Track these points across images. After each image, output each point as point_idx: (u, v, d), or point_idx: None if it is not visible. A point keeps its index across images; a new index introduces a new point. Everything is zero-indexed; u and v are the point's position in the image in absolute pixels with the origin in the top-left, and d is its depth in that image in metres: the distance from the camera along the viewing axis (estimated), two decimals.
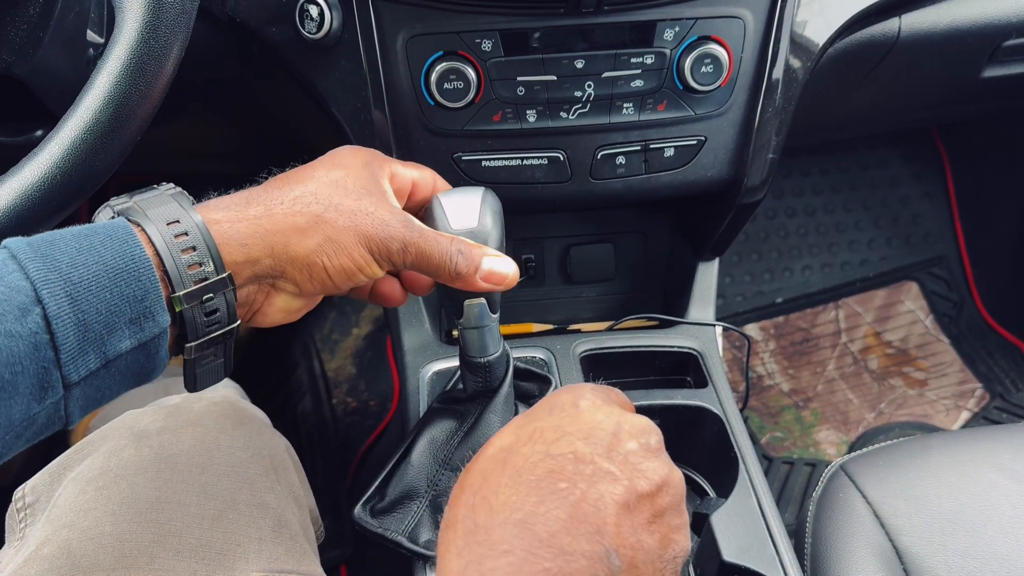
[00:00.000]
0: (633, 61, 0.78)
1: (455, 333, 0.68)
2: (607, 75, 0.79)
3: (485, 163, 0.83)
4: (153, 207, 0.51)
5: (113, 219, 0.50)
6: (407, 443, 0.72)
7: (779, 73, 0.82)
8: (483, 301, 0.64)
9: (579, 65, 0.78)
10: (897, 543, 0.77)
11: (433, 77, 0.77)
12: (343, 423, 1.54)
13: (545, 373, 0.80)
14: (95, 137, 0.55)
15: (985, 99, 1.27)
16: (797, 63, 0.83)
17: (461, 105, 0.78)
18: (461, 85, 0.77)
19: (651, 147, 0.83)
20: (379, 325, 1.64)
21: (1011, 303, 1.68)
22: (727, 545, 0.70)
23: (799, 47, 0.82)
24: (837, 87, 1.01)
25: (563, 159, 0.83)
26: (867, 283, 1.75)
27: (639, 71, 0.79)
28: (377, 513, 0.68)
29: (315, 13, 0.74)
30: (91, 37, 0.66)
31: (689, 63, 0.78)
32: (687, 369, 0.92)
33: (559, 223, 1.06)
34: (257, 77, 0.92)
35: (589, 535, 0.42)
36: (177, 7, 0.59)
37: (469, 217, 0.63)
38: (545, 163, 0.83)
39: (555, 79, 0.78)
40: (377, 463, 1.47)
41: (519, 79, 0.78)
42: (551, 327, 1.05)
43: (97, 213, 0.53)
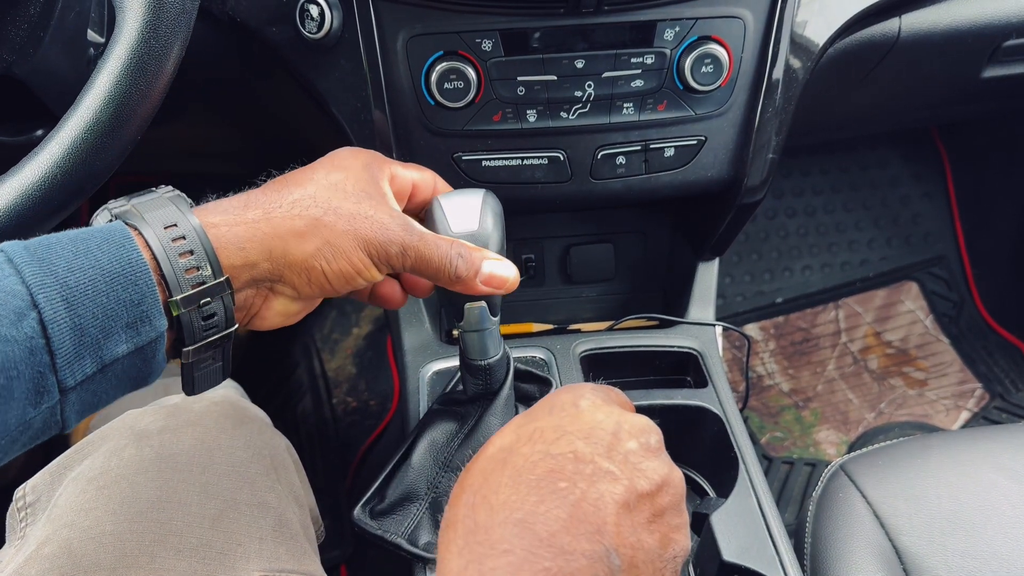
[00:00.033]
0: (633, 61, 0.78)
1: (455, 333, 0.68)
2: (607, 75, 0.79)
3: (485, 163, 0.83)
4: (151, 210, 0.50)
5: (111, 222, 0.50)
6: (407, 445, 0.72)
7: (779, 73, 0.82)
8: (483, 304, 0.64)
9: (579, 65, 0.78)
10: (897, 543, 0.77)
11: (433, 77, 0.77)
12: (343, 423, 1.54)
13: (545, 375, 0.80)
14: (95, 137, 0.55)
15: (985, 99, 1.27)
16: (797, 63, 0.83)
17: (461, 105, 0.78)
18: (461, 85, 0.77)
19: (651, 147, 0.83)
20: (379, 325, 1.64)
21: (1011, 303, 1.68)
22: (727, 545, 0.70)
23: (799, 47, 0.82)
24: (837, 87, 1.01)
25: (563, 159, 0.83)
26: (867, 283, 1.75)
27: (639, 71, 0.79)
28: (377, 515, 0.68)
29: (315, 13, 0.74)
30: (91, 37, 0.66)
31: (689, 63, 0.78)
32: (687, 369, 0.92)
33: (559, 223, 1.06)
34: (257, 77, 0.92)
35: (589, 534, 0.42)
36: (177, 7, 0.59)
37: (470, 220, 0.62)
38: (545, 163, 0.83)
39: (555, 79, 0.78)
40: (377, 463, 1.47)
41: (519, 79, 0.78)
42: (551, 327, 1.05)
43: (95, 216, 0.53)
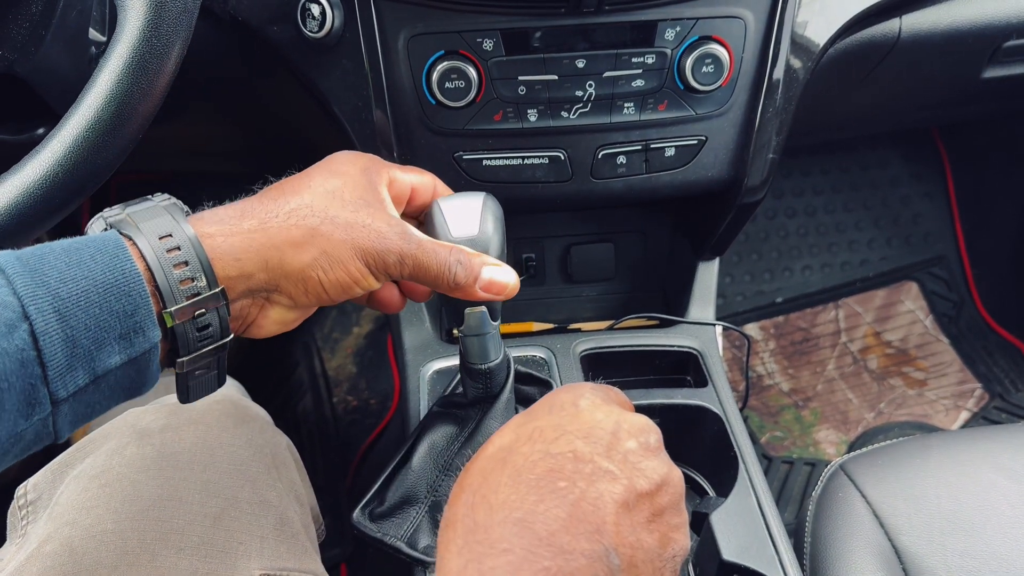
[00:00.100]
0: (634, 61, 0.78)
1: (456, 333, 0.68)
2: (608, 75, 0.79)
3: (486, 162, 0.83)
4: (145, 220, 0.50)
5: (105, 232, 0.50)
6: (407, 447, 0.71)
7: (780, 73, 0.82)
8: (484, 309, 0.63)
9: (580, 65, 0.78)
10: (896, 543, 0.77)
11: (434, 76, 0.77)
12: (344, 422, 1.54)
13: (545, 377, 0.80)
14: (97, 135, 0.55)
15: (985, 100, 1.27)
16: (798, 63, 0.83)
17: (462, 104, 0.78)
18: (462, 84, 0.77)
19: (652, 147, 0.83)
20: (380, 324, 1.64)
21: (1011, 303, 1.68)
22: (727, 544, 0.70)
23: (800, 47, 0.82)
24: (838, 87, 1.01)
25: (564, 158, 0.83)
26: (867, 283, 1.75)
27: (640, 71, 0.79)
28: (376, 517, 0.68)
29: (317, 12, 0.75)
30: (93, 35, 0.66)
31: (690, 63, 0.78)
32: (687, 368, 0.92)
33: (560, 222, 1.06)
34: (259, 76, 0.92)
35: (588, 534, 0.42)
36: (179, 6, 0.59)
37: (470, 224, 0.62)
38: (546, 162, 0.83)
39: (556, 79, 0.79)
40: (377, 462, 1.47)
41: (520, 78, 0.78)
42: (551, 326, 1.05)
43: (90, 225, 0.53)
